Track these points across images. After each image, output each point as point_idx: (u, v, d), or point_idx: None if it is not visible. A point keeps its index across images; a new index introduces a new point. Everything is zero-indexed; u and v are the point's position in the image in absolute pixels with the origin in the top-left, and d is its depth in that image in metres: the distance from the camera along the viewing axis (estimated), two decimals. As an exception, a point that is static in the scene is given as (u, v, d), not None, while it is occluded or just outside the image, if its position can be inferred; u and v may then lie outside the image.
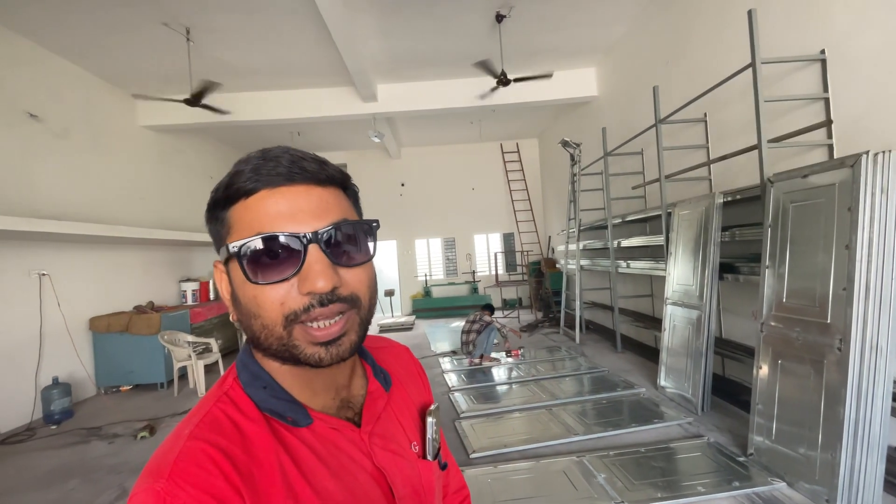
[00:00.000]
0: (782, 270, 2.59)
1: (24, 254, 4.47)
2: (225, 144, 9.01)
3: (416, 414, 0.63)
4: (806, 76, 3.04)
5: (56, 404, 4.26)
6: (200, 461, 0.42)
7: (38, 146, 4.74)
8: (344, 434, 0.52)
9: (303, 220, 0.45)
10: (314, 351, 0.45)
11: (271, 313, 0.45)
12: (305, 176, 0.47)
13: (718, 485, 2.39)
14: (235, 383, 0.51)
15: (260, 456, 0.45)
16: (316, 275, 0.44)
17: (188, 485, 0.40)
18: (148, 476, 0.41)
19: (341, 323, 0.46)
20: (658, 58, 4.88)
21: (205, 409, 0.48)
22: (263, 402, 0.49)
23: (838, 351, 2.19)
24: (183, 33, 4.73)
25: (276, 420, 0.49)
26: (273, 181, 0.46)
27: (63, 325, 4.77)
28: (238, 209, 0.47)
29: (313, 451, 0.48)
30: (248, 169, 0.47)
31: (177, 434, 0.45)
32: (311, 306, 0.44)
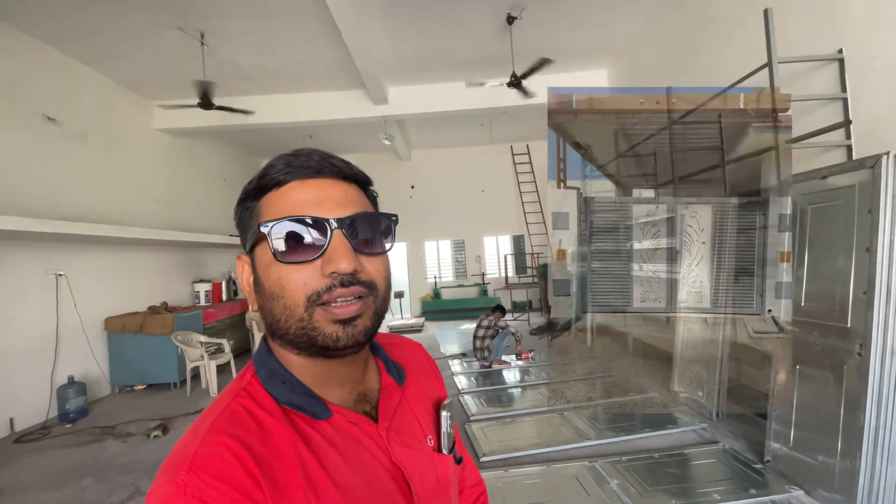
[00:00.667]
0: (800, 273, 2.54)
1: (42, 254, 4.55)
2: (238, 147, 9.11)
3: (430, 408, 0.64)
4: (823, 76, 2.98)
5: (71, 403, 4.32)
6: (220, 453, 0.43)
7: (56, 149, 4.83)
8: (362, 429, 0.52)
9: (329, 208, 0.49)
10: (333, 330, 0.47)
11: (295, 294, 0.47)
12: (333, 170, 0.52)
13: (734, 492, 2.35)
14: (254, 380, 0.52)
15: (279, 449, 0.46)
16: (339, 256, 0.47)
17: (209, 476, 0.41)
18: (168, 469, 0.42)
19: (359, 304, 0.48)
20: (670, 58, 4.83)
21: (223, 403, 0.49)
22: (283, 396, 0.50)
23: (858, 356, 2.13)
24: (197, 38, 4.80)
25: (296, 413, 0.50)
26: (303, 173, 0.50)
27: (79, 324, 4.85)
28: (269, 198, 0.51)
29: (332, 444, 0.49)
30: (280, 163, 0.50)
31: (196, 428, 0.46)
32: (333, 286, 0.47)
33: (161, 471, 0.43)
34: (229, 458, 0.42)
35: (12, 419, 4.15)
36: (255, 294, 0.52)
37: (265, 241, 0.48)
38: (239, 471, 0.42)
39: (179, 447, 0.44)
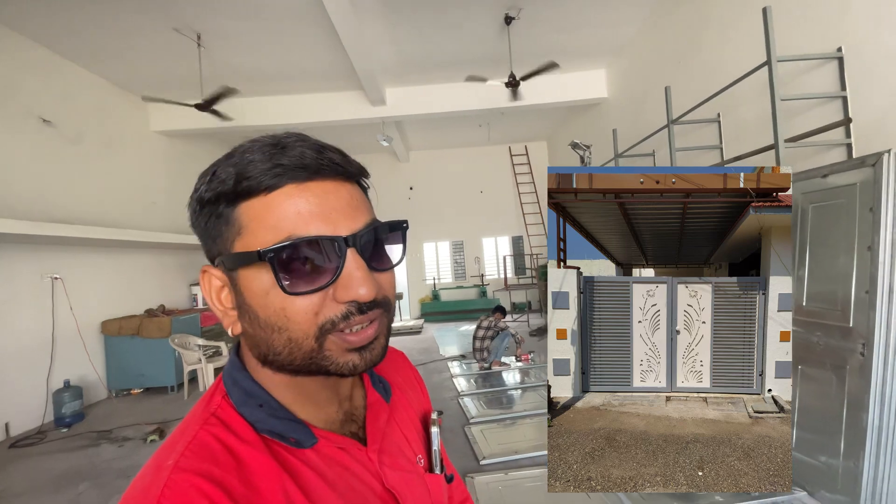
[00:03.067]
0: (802, 273, 2.52)
1: (38, 257, 4.52)
2: (235, 149, 9.08)
3: (418, 424, 0.59)
4: (823, 74, 2.97)
5: (67, 407, 4.29)
6: (191, 497, 0.35)
7: (52, 151, 4.81)
8: (351, 454, 0.47)
9: (338, 222, 0.40)
10: (348, 359, 0.41)
11: (303, 325, 0.39)
12: (334, 169, 0.42)
13: (737, 494, 2.32)
14: (225, 402, 0.44)
15: (260, 485, 0.39)
16: (358, 282, 0.39)
17: None
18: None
19: (375, 326, 0.42)
20: (669, 58, 4.83)
21: (190, 433, 0.41)
22: (261, 422, 0.43)
23: (861, 356, 2.11)
24: (194, 39, 4.78)
25: (277, 442, 0.43)
26: (299, 175, 0.40)
27: (75, 328, 4.81)
28: (254, 207, 0.40)
29: (320, 475, 0.43)
30: (263, 159, 0.40)
31: (158, 465, 0.38)
32: (350, 314, 0.40)
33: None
34: (201, 502, 0.35)
35: (7, 424, 4.11)
36: (239, 317, 0.43)
37: (261, 266, 0.39)
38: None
39: (138, 490, 0.36)
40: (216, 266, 0.44)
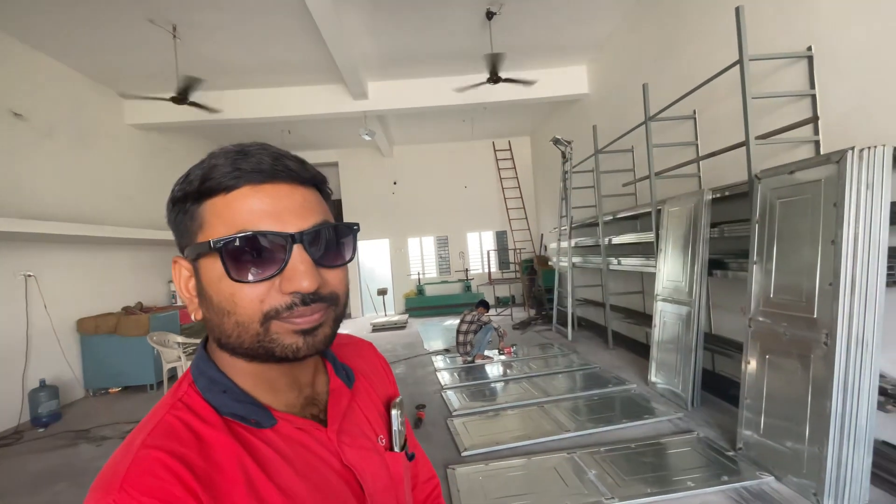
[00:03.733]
0: (769, 266, 2.61)
1: (9, 255, 4.40)
2: (214, 143, 8.92)
3: (381, 408, 0.63)
4: (793, 73, 3.06)
5: (43, 407, 4.20)
6: (154, 470, 0.40)
7: (23, 145, 4.66)
8: (310, 434, 0.51)
9: (287, 220, 0.45)
10: (293, 341, 0.45)
11: (249, 311, 0.44)
12: (289, 175, 0.46)
13: (708, 479, 2.41)
14: (191, 389, 0.49)
15: (220, 460, 0.43)
16: (301, 275, 0.44)
17: (142, 494, 0.38)
18: (98, 489, 0.39)
19: (320, 314, 0.46)
20: (648, 55, 4.90)
21: (157, 416, 0.45)
22: (224, 406, 0.47)
23: (825, 345, 2.21)
24: (169, 30, 4.67)
25: (238, 423, 0.47)
26: (255, 178, 0.45)
27: (50, 326, 4.70)
28: (215, 204, 0.45)
29: (278, 452, 0.47)
30: (226, 163, 0.45)
31: (127, 445, 0.43)
32: (294, 304, 0.44)
33: (91, 491, 0.39)
34: (163, 474, 0.39)
35: (-20, 425, 4.02)
36: (200, 304, 0.48)
37: (214, 255, 0.44)
38: (175, 486, 0.39)
39: (109, 466, 0.41)
40: (185, 257, 0.49)
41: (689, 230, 3.55)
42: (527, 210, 10.67)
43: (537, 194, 10.39)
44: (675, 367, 3.59)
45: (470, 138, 10.34)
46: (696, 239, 3.46)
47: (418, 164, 10.63)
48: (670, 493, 2.32)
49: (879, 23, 2.50)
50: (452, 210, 10.69)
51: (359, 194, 10.47)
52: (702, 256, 3.40)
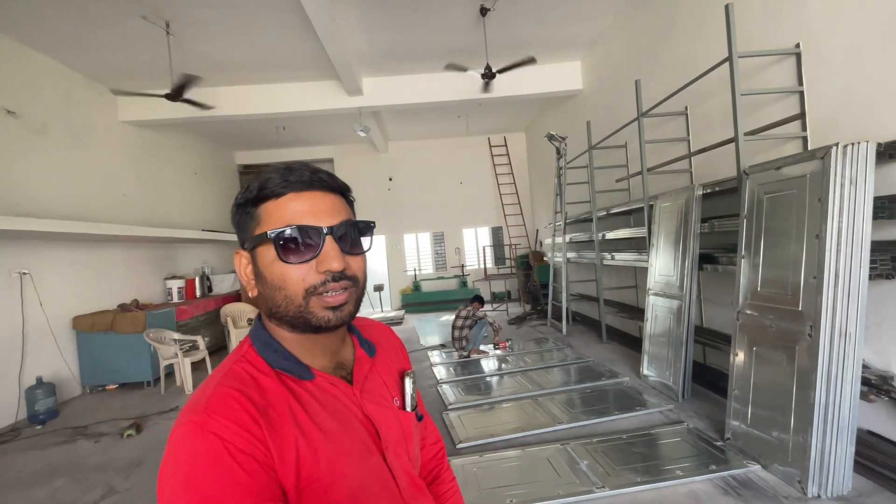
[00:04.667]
0: (757, 260, 2.66)
1: (4, 253, 4.39)
2: (208, 139, 8.90)
3: (396, 377, 0.77)
4: (782, 70, 3.10)
5: (40, 404, 4.21)
6: (228, 401, 0.54)
7: (17, 143, 4.65)
8: (339, 388, 0.65)
9: (321, 218, 0.60)
10: (325, 314, 0.60)
11: (294, 286, 0.59)
12: (322, 184, 0.62)
13: (696, 469, 2.47)
14: (251, 349, 0.64)
15: (273, 399, 0.58)
16: (331, 258, 0.59)
17: (218, 416, 0.52)
18: (187, 413, 0.54)
19: (346, 294, 0.61)
20: (641, 51, 4.93)
21: (227, 367, 0.61)
22: (275, 362, 0.62)
23: (809, 337, 2.26)
24: (163, 27, 4.66)
25: (286, 375, 0.62)
26: (298, 187, 0.61)
27: (46, 324, 4.71)
28: (268, 207, 0.61)
29: (315, 399, 0.62)
30: (277, 177, 0.61)
31: (205, 385, 0.59)
32: (327, 281, 0.59)
33: (181, 414, 0.54)
34: (234, 404, 0.54)
35: (-22, 422, 4.03)
36: (256, 283, 0.63)
37: (268, 244, 0.59)
38: (242, 413, 0.53)
39: (194, 399, 0.56)
40: (244, 249, 0.64)
41: (681, 225, 3.60)
42: (522, 206, 10.71)
43: (532, 190, 10.43)
44: (667, 360, 3.65)
45: (465, 134, 10.35)
46: (687, 234, 3.51)
47: (414, 160, 10.64)
48: (659, 482, 2.38)
49: (865, 21, 2.54)
50: (448, 206, 10.71)
51: (354, 190, 9.75)
52: (693, 251, 3.45)
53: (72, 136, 5.40)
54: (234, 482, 0.50)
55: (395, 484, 0.65)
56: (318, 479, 0.56)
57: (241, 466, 0.51)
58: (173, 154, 7.63)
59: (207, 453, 0.50)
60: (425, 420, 0.85)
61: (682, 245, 3.55)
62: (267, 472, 0.53)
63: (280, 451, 0.55)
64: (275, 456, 0.54)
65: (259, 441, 0.53)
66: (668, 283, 3.73)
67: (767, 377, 2.52)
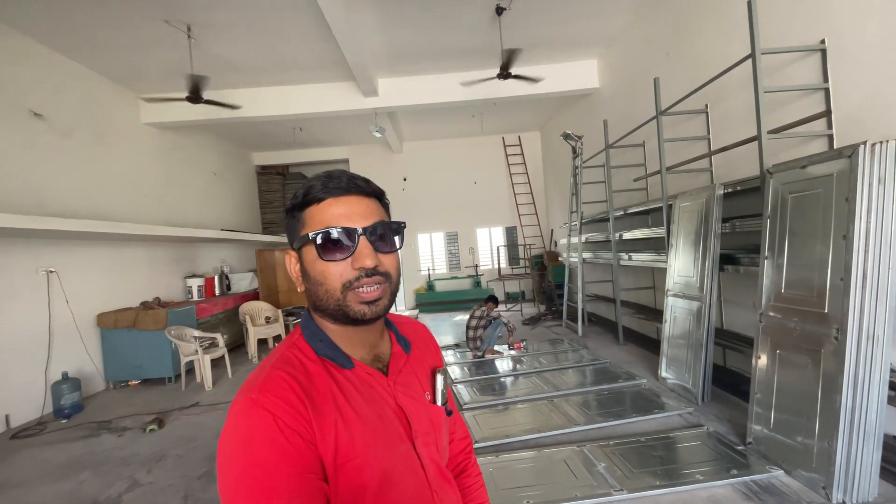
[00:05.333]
0: (781, 261, 2.60)
1: (32, 251, 4.53)
2: (227, 140, 9.04)
3: (429, 372, 0.83)
4: (806, 66, 3.03)
5: (66, 399, 4.34)
6: (279, 382, 0.62)
7: (44, 144, 4.79)
8: (375, 379, 0.72)
9: (356, 220, 0.67)
10: (360, 308, 0.66)
11: (333, 282, 0.66)
12: (358, 189, 0.70)
13: (717, 473, 2.43)
14: (300, 337, 0.72)
15: (317, 383, 0.66)
16: (365, 256, 0.66)
17: (271, 394, 0.60)
18: (244, 391, 0.62)
19: (379, 290, 0.67)
20: (659, 49, 4.86)
21: (280, 352, 0.70)
22: (320, 350, 0.70)
23: (835, 340, 2.21)
24: (184, 30, 4.75)
25: (329, 362, 0.69)
26: (336, 192, 0.68)
27: (71, 321, 4.84)
28: (311, 211, 0.68)
29: (354, 385, 0.69)
30: (319, 184, 0.68)
31: (261, 367, 0.67)
32: (360, 277, 0.66)
33: (240, 392, 0.62)
34: (284, 385, 0.62)
35: (8, 416, 4.16)
36: (302, 279, 0.71)
37: (311, 244, 0.66)
38: (291, 393, 0.61)
39: (251, 379, 0.65)
40: (293, 249, 0.72)
41: (701, 225, 3.54)
42: (537, 205, 10.65)
43: (547, 189, 10.37)
44: (686, 363, 3.60)
45: (479, 134, 10.33)
46: (707, 234, 3.45)
47: (428, 159, 10.66)
48: (679, 485, 2.35)
49: (894, 16, 2.46)
50: (462, 206, 10.70)
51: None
52: (713, 251, 3.39)
53: (96, 138, 5.54)
54: (282, 454, 0.57)
55: (422, 471, 0.71)
56: (353, 458, 0.63)
57: (289, 441, 0.58)
58: (193, 155, 7.78)
59: (261, 426, 0.57)
60: (454, 416, 0.90)
61: (703, 245, 3.49)
62: (310, 448, 0.60)
63: (321, 430, 0.61)
64: (317, 434, 0.61)
65: (304, 419, 0.60)
66: (687, 284, 3.68)
67: (791, 381, 2.47)
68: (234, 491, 0.56)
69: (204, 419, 4.04)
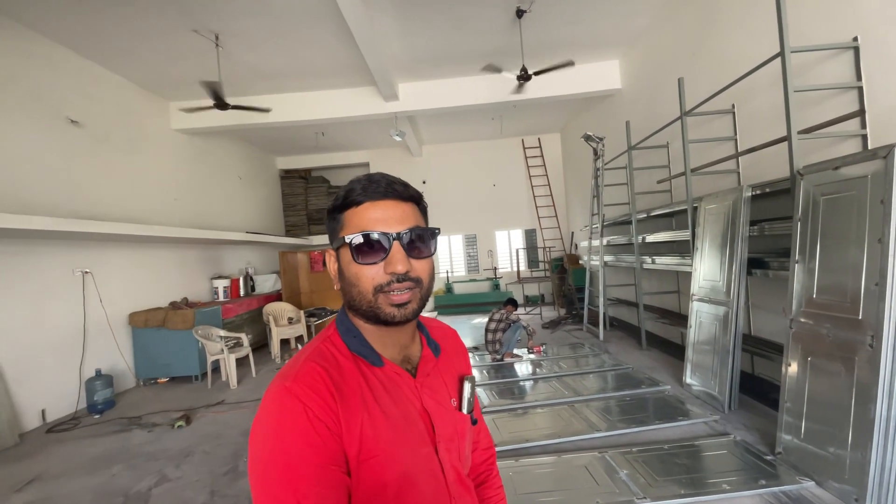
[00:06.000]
0: (812, 265, 2.52)
1: (68, 252, 4.73)
2: (252, 145, 9.26)
3: (456, 379, 0.84)
4: (838, 64, 2.94)
5: (99, 395, 4.50)
6: (313, 373, 0.65)
7: (80, 150, 5.00)
8: (403, 379, 0.73)
9: (391, 224, 0.68)
10: (391, 311, 0.67)
11: (366, 284, 0.68)
12: (396, 194, 0.70)
13: (745, 483, 2.36)
14: (335, 333, 0.74)
15: (347, 378, 0.68)
16: (397, 261, 0.67)
17: (304, 385, 0.63)
18: (280, 379, 0.65)
19: (409, 294, 0.68)
20: (684, 48, 4.78)
21: (315, 344, 0.72)
22: (353, 346, 0.72)
23: (870, 348, 2.13)
24: (212, 39, 4.90)
25: (361, 359, 0.71)
26: (375, 196, 0.69)
27: (105, 320, 5.03)
28: (350, 213, 0.70)
29: (382, 384, 0.70)
30: (359, 187, 0.69)
31: (297, 358, 0.70)
32: (392, 281, 0.67)
33: (274, 380, 0.65)
34: (317, 377, 0.64)
35: (44, 410, 4.34)
36: (339, 279, 0.73)
37: (348, 246, 0.68)
38: (322, 384, 0.64)
39: (286, 368, 0.67)
40: (333, 249, 0.74)
41: (728, 228, 3.46)
42: (557, 208, 10.56)
43: (568, 192, 10.27)
44: (712, 369, 3.51)
45: (499, 136, 10.31)
46: (734, 237, 3.37)
47: (447, 163, 10.69)
48: (705, 495, 2.29)
49: (934, 10, 2.37)
50: (481, 208, 10.69)
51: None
52: (740, 255, 3.31)
53: (128, 144, 5.76)
54: (309, 444, 0.60)
55: (442, 476, 0.72)
56: (376, 455, 0.64)
57: (316, 430, 0.60)
58: (219, 160, 7.99)
59: (291, 412, 0.60)
60: (479, 425, 0.90)
61: (730, 249, 3.41)
62: (335, 440, 0.62)
63: (348, 424, 0.63)
64: (343, 427, 0.63)
65: (332, 412, 0.62)
66: (713, 289, 3.59)
67: (823, 389, 2.39)
68: (262, 476, 0.59)
69: (229, 417, 4.14)
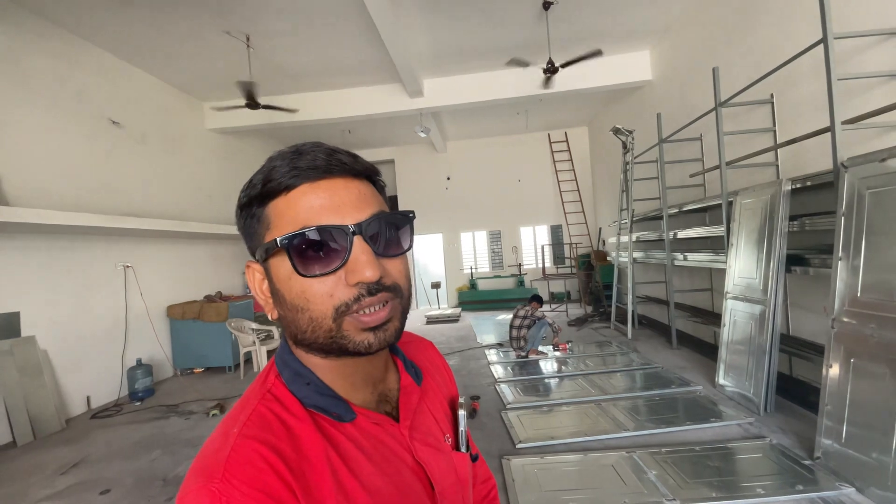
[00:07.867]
0: (857, 262, 2.40)
1: (111, 248, 4.98)
2: (281, 143, 9.47)
3: (446, 407, 0.64)
4: (884, 51, 2.77)
5: (139, 383, 4.73)
6: (253, 460, 0.42)
7: (121, 151, 5.24)
8: (385, 429, 0.52)
9: (346, 213, 0.46)
10: (363, 337, 0.46)
11: (321, 306, 0.45)
12: (343, 168, 0.48)
13: (780, 487, 2.28)
14: (278, 381, 0.51)
15: (309, 453, 0.45)
16: (363, 265, 0.45)
17: (243, 484, 0.40)
18: (200, 475, 0.41)
19: (388, 309, 0.47)
20: (718, 37, 4.60)
21: (250, 406, 0.48)
22: (308, 398, 0.49)
23: (920, 350, 2.01)
24: (243, 40, 5.04)
25: (321, 416, 0.49)
26: (312, 175, 0.46)
27: (145, 312, 5.27)
28: (278, 205, 0.47)
29: (358, 447, 0.49)
30: (284, 164, 0.46)
31: (225, 432, 0.45)
32: (361, 296, 0.45)
33: (193, 475, 0.41)
34: (261, 464, 0.41)
35: (89, 397, 4.59)
36: (274, 303, 0.50)
37: (282, 253, 0.46)
38: (272, 477, 0.41)
39: (210, 451, 0.43)
40: (256, 260, 0.51)
41: (765, 223, 3.33)
42: (584, 203, 10.38)
43: (595, 187, 10.08)
44: (747, 370, 3.40)
45: (524, 131, 10.20)
46: (772, 233, 3.24)
47: (472, 158, 10.65)
48: (738, 499, 2.22)
49: None
50: (506, 204, 10.62)
51: (414, 190, 10.70)
52: (779, 251, 3.18)
53: (165, 143, 5.99)
54: None
55: None
56: None
57: None
58: (251, 157, 8.22)
59: None
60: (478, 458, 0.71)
61: (767, 245, 3.28)
62: None
63: None
64: None
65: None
66: (749, 287, 3.47)
67: (866, 392, 2.28)
68: None
69: (260, 408, 4.27)
